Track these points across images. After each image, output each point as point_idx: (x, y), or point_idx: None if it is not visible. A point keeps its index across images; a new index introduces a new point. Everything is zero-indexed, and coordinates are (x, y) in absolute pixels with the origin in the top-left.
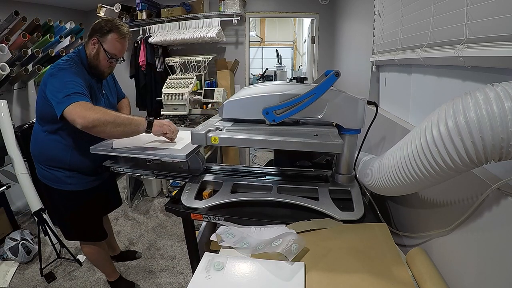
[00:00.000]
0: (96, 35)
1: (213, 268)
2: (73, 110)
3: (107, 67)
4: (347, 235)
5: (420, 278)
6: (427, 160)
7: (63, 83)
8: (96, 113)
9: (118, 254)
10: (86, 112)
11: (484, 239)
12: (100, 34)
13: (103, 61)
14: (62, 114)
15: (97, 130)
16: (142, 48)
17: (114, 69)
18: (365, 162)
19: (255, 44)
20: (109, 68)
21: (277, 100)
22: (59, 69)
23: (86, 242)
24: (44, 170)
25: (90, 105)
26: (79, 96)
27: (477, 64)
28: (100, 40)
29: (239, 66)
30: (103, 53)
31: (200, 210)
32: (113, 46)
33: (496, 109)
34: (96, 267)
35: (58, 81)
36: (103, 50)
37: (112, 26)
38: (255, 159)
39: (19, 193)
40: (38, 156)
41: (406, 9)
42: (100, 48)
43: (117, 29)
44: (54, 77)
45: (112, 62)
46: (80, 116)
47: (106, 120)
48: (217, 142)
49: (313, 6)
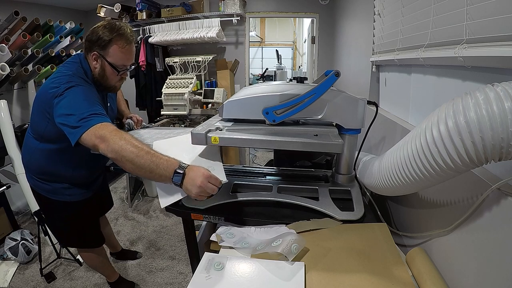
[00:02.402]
0: (95, 48)
1: (213, 268)
2: (93, 135)
3: (118, 81)
4: (347, 235)
5: (420, 278)
6: (427, 160)
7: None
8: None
9: (119, 252)
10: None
11: (484, 239)
12: (99, 47)
13: (111, 76)
14: (78, 141)
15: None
16: (142, 48)
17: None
18: (365, 162)
19: (255, 44)
20: (121, 81)
21: (277, 100)
22: (66, 88)
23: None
24: (40, 182)
25: (112, 128)
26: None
27: (477, 64)
28: (101, 54)
29: (239, 66)
30: (109, 68)
31: (200, 210)
32: (118, 57)
33: (496, 109)
34: (94, 270)
35: (68, 102)
36: (108, 64)
37: (112, 35)
38: (255, 159)
39: (19, 193)
40: (33, 170)
41: (406, 9)
42: (104, 63)
43: (119, 36)
44: (62, 98)
45: (123, 73)
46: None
47: (123, 157)
48: (217, 142)
49: (313, 6)
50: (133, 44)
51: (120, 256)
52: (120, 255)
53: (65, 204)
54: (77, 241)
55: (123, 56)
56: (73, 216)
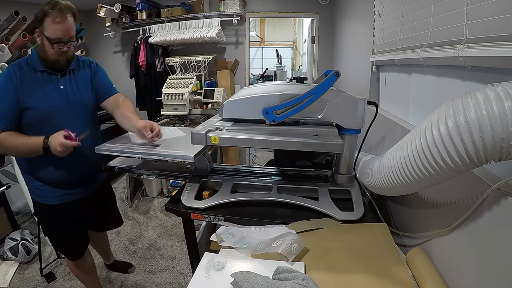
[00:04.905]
0: (37, 26)
1: (213, 268)
2: None
3: (57, 54)
4: (347, 235)
5: (420, 278)
6: (427, 160)
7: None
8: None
9: (111, 263)
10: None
11: (484, 239)
12: (38, 24)
13: (49, 50)
14: None
15: None
16: (142, 48)
17: (69, 54)
18: (365, 162)
19: (255, 44)
20: (61, 55)
21: (277, 100)
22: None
23: None
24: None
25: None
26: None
27: (477, 64)
28: (40, 30)
29: (239, 66)
30: (47, 42)
31: (200, 210)
32: (53, 30)
33: (496, 109)
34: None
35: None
36: (45, 38)
37: (44, 10)
38: (255, 159)
39: (19, 193)
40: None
41: (406, 9)
42: (42, 38)
43: (51, 9)
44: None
45: (60, 47)
46: None
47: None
48: (217, 142)
49: (313, 6)
50: (67, 17)
51: (112, 268)
52: (113, 266)
53: (41, 207)
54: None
55: (56, 27)
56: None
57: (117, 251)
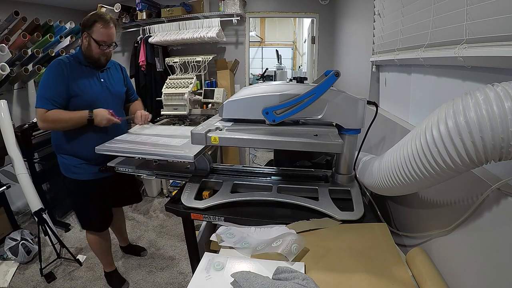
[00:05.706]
0: (85, 30)
1: (213, 268)
2: (37, 112)
3: (101, 54)
4: (347, 235)
5: (420, 278)
6: (427, 160)
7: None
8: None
9: (126, 246)
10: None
11: (484, 239)
12: (87, 28)
13: (95, 49)
14: None
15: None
16: (142, 48)
17: (108, 55)
18: (365, 162)
19: (255, 44)
20: (104, 55)
21: (277, 100)
22: (48, 67)
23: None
24: (60, 157)
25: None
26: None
27: (477, 64)
28: (88, 33)
29: (239, 66)
30: (93, 43)
31: (200, 210)
32: (100, 34)
33: (496, 109)
34: (95, 254)
35: (42, 78)
36: (93, 40)
37: (95, 17)
38: (255, 159)
39: (19, 193)
40: (54, 145)
41: (406, 9)
42: (90, 39)
43: (99, 18)
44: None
45: (104, 48)
46: (38, 120)
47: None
48: (217, 142)
49: (313, 6)
50: (112, 26)
51: (126, 250)
52: (127, 249)
53: (73, 182)
54: (81, 222)
55: (103, 32)
56: (79, 196)
57: (117, 251)
